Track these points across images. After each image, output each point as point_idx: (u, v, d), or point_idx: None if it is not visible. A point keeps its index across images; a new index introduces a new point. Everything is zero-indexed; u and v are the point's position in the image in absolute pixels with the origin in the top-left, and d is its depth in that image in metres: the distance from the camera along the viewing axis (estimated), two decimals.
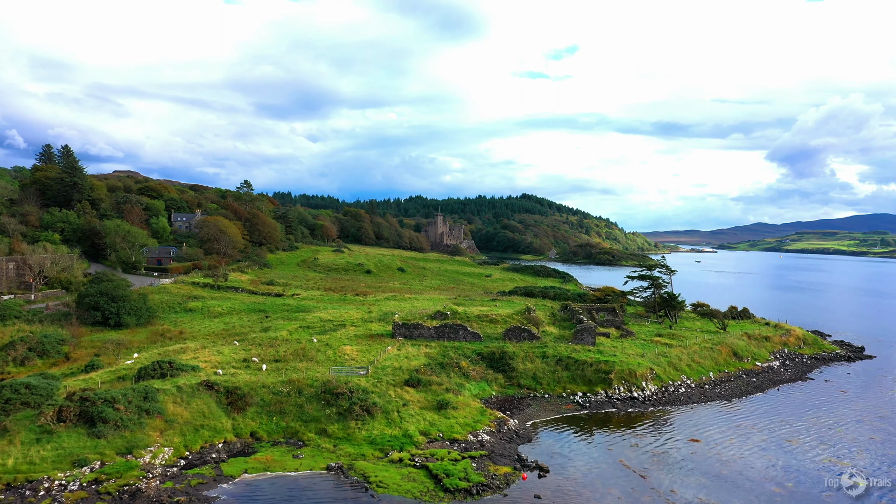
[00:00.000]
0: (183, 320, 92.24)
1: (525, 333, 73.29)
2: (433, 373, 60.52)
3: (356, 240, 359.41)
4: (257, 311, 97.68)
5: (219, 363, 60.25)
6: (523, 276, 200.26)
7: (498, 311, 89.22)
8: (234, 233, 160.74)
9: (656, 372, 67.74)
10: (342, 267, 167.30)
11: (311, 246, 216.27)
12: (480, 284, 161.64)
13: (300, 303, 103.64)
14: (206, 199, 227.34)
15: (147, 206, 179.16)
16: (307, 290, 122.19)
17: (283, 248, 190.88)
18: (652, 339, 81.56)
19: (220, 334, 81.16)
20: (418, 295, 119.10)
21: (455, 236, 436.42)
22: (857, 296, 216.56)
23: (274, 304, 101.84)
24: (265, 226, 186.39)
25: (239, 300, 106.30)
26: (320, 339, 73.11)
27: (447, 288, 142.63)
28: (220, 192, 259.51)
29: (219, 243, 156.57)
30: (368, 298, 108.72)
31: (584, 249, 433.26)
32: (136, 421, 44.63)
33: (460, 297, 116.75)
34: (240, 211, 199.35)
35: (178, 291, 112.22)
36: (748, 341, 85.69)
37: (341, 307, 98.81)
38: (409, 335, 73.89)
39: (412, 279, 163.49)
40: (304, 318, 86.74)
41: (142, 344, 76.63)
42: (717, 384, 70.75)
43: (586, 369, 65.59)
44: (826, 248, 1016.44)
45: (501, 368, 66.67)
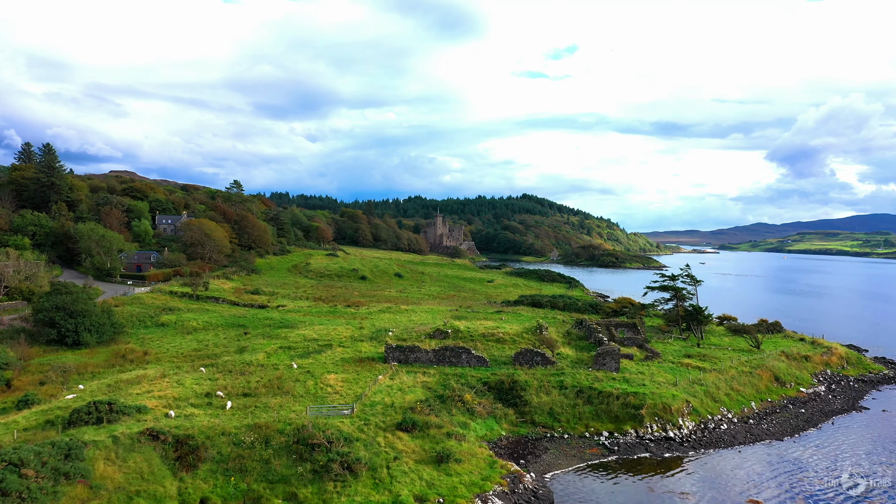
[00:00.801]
0: (152, 337, 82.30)
1: (538, 357, 63.46)
2: (432, 410, 50.64)
3: (353, 242, 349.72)
4: (236, 326, 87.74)
5: (175, 399, 50.33)
6: (527, 281, 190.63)
7: (504, 326, 79.42)
8: (219, 236, 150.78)
9: (693, 405, 57.89)
10: (335, 273, 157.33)
11: (304, 249, 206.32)
12: (483, 292, 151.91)
13: (285, 316, 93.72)
14: (195, 201, 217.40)
15: (129, 207, 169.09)
16: (295, 301, 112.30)
17: (273, 251, 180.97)
18: (681, 360, 71.77)
19: (190, 356, 71.22)
20: (416, 306, 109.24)
21: (455, 238, 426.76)
22: (876, 302, 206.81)
23: (256, 317, 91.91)
24: (254, 228, 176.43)
25: (218, 313, 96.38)
26: (301, 364, 63.27)
27: (447, 296, 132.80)
28: (211, 192, 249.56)
29: (203, 248, 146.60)
30: (361, 311, 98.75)
31: (587, 251, 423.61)
32: (49, 490, 34.67)
33: (461, 309, 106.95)
34: (228, 213, 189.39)
35: (153, 302, 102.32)
36: (788, 362, 75.88)
37: (330, 322, 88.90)
38: (405, 359, 64.04)
39: (410, 286, 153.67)
40: (286, 337, 76.84)
41: (98, 368, 66.68)
42: (762, 417, 60.91)
43: (612, 403, 55.73)
44: (829, 248, 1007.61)
45: (512, 401, 56.77)
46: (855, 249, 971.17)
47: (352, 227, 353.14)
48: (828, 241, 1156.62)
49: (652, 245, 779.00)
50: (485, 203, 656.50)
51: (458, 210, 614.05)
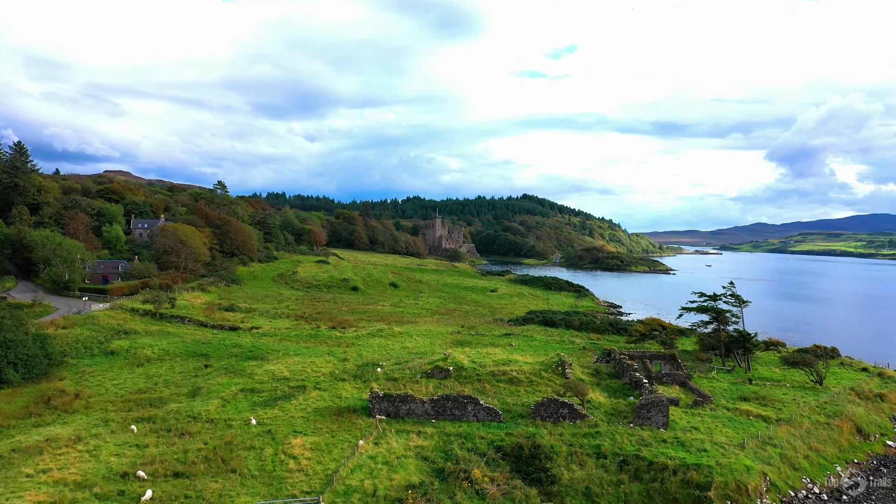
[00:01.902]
0: (94, 371, 68.53)
1: (564, 409, 49.78)
2: (428, 499, 37.00)
3: (349, 244, 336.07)
4: (197, 355, 73.93)
5: (75, 487, 36.59)
6: (533, 289, 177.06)
7: (517, 359, 65.77)
8: (196, 243, 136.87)
9: (770, 477, 44.27)
10: (324, 283, 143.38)
11: (293, 255, 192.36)
12: (486, 303, 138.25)
13: (258, 342, 79.88)
14: (177, 203, 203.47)
15: (99, 211, 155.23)
16: (274, 320, 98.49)
17: (259, 258, 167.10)
18: (736, 405, 58.13)
19: (129, 401, 57.44)
20: (412, 326, 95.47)
21: (454, 240, 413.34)
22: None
23: (223, 344, 78.07)
24: (238, 234, 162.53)
25: (181, 337, 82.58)
26: (263, 416, 49.61)
27: (447, 311, 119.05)
28: (197, 193, 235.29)
29: (178, 256, 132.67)
30: (347, 334, 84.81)
31: (591, 254, 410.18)
32: None
33: (464, 330, 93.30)
34: (211, 216, 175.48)
35: (108, 323, 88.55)
36: (863, 405, 62.30)
37: (309, 351, 75.08)
38: (395, 412, 50.36)
39: (406, 297, 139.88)
40: (252, 374, 63.06)
41: (8, 420, 52.83)
42: (855, 489, 47.28)
43: (668, 480, 42.03)
44: (832, 249, 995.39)
45: (534, 476, 43.04)
46: (859, 250, 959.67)
47: (347, 229, 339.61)
48: (831, 241, 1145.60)
49: (654, 246, 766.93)
50: (485, 203, 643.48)
51: (458, 210, 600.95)
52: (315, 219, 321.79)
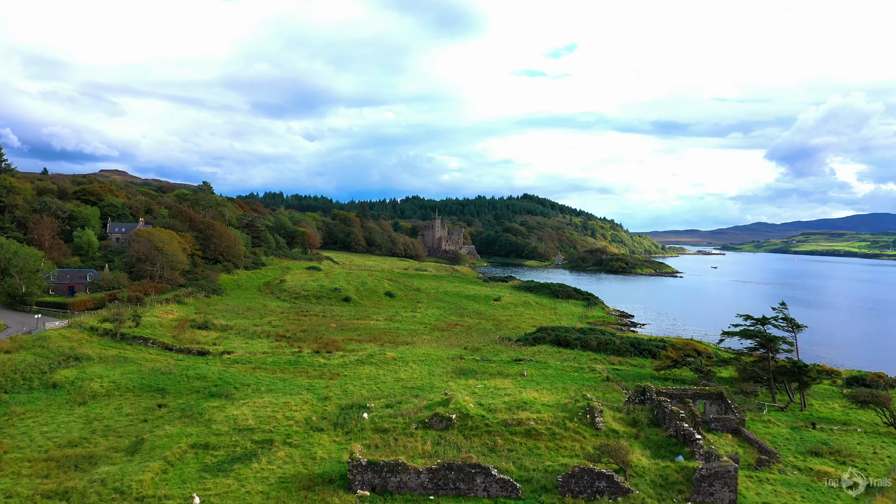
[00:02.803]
0: (26, 412, 57.10)
1: (601, 483, 38.42)
2: None
3: (346, 247, 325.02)
4: (154, 390, 62.49)
5: None
6: (539, 297, 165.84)
7: (532, 397, 54.43)
8: (174, 249, 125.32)
9: None
10: (314, 293, 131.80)
11: (283, 261, 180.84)
12: (490, 315, 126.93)
13: (226, 372, 68.36)
14: (161, 205, 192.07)
15: (72, 214, 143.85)
16: (251, 340, 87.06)
17: (245, 265, 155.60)
18: (808, 463, 46.86)
19: (54, 459, 46.01)
20: (407, 348, 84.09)
21: (454, 241, 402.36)
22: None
23: (186, 375, 66.56)
24: (222, 238, 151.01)
25: (139, 365, 71.13)
26: (211, 491, 38.25)
27: (447, 326, 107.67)
28: (183, 193, 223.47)
29: (153, 264, 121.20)
30: (333, 361, 73.30)
31: (594, 256, 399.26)
32: None
33: (467, 353, 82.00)
34: (195, 219, 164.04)
35: (60, 345, 77.11)
36: None
37: (285, 384, 63.59)
38: (382, 485, 38.98)
39: (402, 308, 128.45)
40: (209, 421, 51.59)
41: None
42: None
43: None
44: (836, 249, 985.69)
45: None
46: (864, 251, 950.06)
47: (344, 230, 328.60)
48: (834, 241, 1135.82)
49: (657, 247, 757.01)
50: (485, 203, 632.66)
51: (458, 211, 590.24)
52: (310, 220, 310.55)
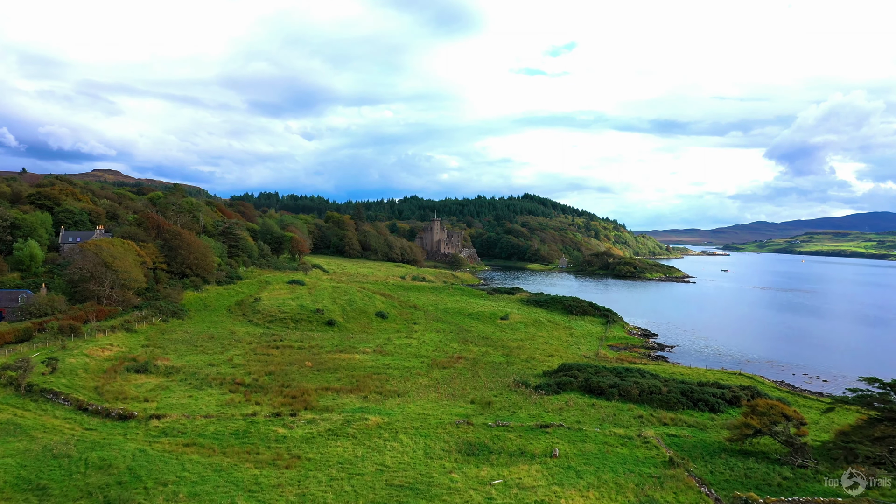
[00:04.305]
0: None
1: None
2: None
3: (339, 251, 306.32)
4: (32, 490, 43.65)
5: None
6: (550, 313, 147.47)
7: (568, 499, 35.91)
8: (127, 264, 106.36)
9: None
10: (292, 315, 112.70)
11: (264, 272, 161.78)
12: (498, 340, 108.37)
13: (143, 455, 49.36)
14: (129, 210, 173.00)
15: (14, 222, 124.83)
16: (198, 390, 68.13)
17: (217, 279, 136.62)
18: None
19: None
20: (397, 405, 65.10)
21: (454, 244, 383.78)
22: None
23: (85, 460, 47.65)
24: (191, 249, 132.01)
25: (31, 437, 52.26)
26: None
27: (448, 361, 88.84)
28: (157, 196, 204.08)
29: (100, 283, 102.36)
30: (295, 432, 54.10)
31: (601, 259, 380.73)
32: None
33: (475, 410, 63.20)
34: (163, 226, 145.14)
35: None
36: None
37: (218, 482, 44.69)
38: None
39: (396, 333, 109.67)
40: None
41: None
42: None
43: None
44: (842, 250, 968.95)
45: None
46: (870, 251, 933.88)
47: (337, 234, 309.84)
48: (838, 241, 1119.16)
49: (661, 248, 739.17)
50: (485, 203, 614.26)
51: (457, 211, 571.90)
52: (301, 224, 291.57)
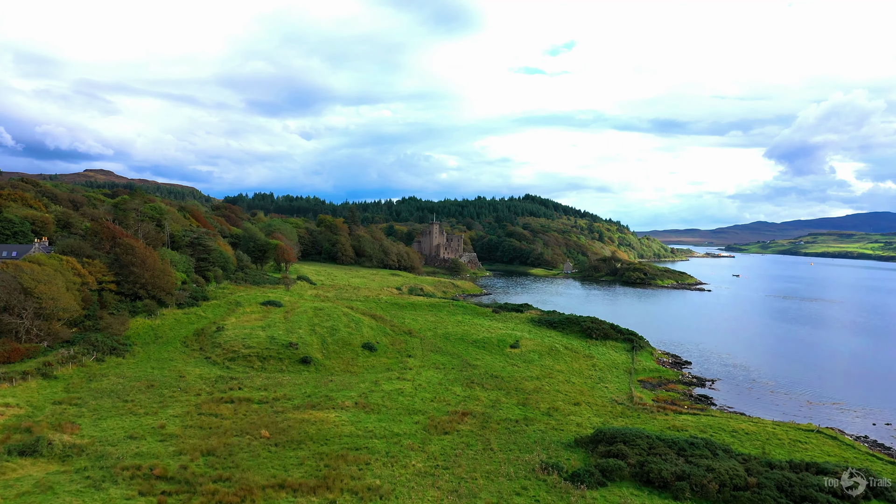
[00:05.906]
0: None
1: None
2: None
3: (331, 257, 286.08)
4: None
5: None
6: (566, 337, 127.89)
7: None
8: (54, 290, 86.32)
9: None
10: (259, 350, 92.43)
11: (238, 289, 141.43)
12: (509, 378, 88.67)
13: None
14: (85, 217, 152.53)
15: None
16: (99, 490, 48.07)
17: (179, 300, 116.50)
18: None
19: None
20: None
21: (454, 248, 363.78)
22: None
23: None
24: (146, 266, 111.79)
25: None
26: None
27: (451, 419, 68.75)
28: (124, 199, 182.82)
29: (17, 315, 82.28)
30: None
31: (608, 265, 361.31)
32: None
33: None
34: (119, 236, 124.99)
35: None
36: None
37: None
38: None
39: (385, 374, 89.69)
40: None
41: None
42: None
43: None
44: (849, 251, 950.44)
45: None
46: (878, 252, 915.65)
47: (330, 239, 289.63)
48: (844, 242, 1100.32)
49: (666, 250, 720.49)
50: (485, 204, 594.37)
51: (457, 212, 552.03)
52: (290, 229, 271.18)
